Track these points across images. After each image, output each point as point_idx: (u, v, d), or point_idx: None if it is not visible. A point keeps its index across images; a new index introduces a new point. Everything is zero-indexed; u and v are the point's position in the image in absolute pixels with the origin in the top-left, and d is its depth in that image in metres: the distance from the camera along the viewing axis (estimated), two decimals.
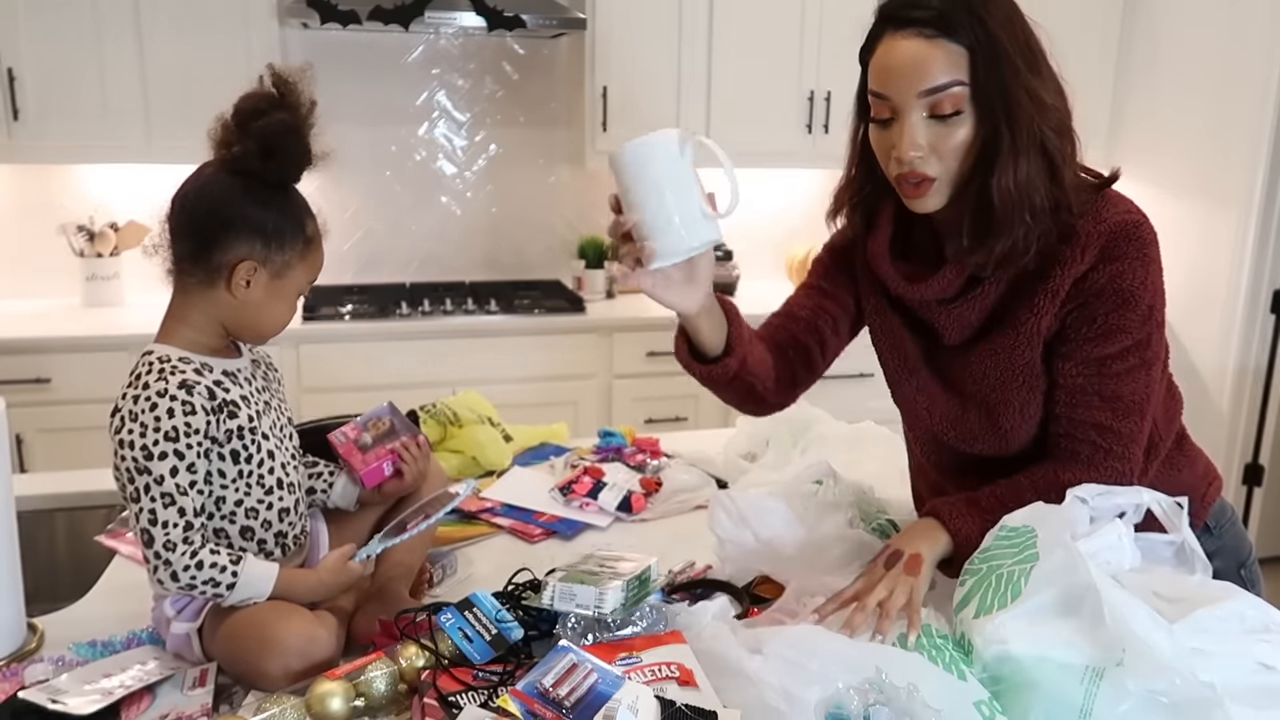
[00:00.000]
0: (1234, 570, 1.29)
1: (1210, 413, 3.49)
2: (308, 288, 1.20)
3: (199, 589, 1.09)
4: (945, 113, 1.07)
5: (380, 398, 1.56)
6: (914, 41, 1.06)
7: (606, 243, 3.55)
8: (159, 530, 1.07)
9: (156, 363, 1.12)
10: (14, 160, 2.98)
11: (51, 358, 2.79)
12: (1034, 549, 0.99)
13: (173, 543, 1.07)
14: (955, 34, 1.05)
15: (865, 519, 1.42)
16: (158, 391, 1.08)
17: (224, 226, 1.12)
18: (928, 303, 1.22)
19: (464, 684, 1.03)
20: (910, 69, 1.06)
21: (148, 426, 1.07)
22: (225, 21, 2.93)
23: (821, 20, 3.40)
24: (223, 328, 1.17)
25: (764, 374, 1.28)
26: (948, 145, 1.09)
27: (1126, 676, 0.87)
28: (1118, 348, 1.13)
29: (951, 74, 1.06)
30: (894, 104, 1.09)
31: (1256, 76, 3.22)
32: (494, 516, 1.56)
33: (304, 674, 1.05)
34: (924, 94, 1.06)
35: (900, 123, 1.09)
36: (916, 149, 1.08)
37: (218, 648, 1.11)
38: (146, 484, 1.07)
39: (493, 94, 3.51)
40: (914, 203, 1.14)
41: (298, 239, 1.15)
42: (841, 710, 0.85)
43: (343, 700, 0.99)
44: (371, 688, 1.01)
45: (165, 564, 1.07)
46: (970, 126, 1.08)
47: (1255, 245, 3.30)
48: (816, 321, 1.33)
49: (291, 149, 1.12)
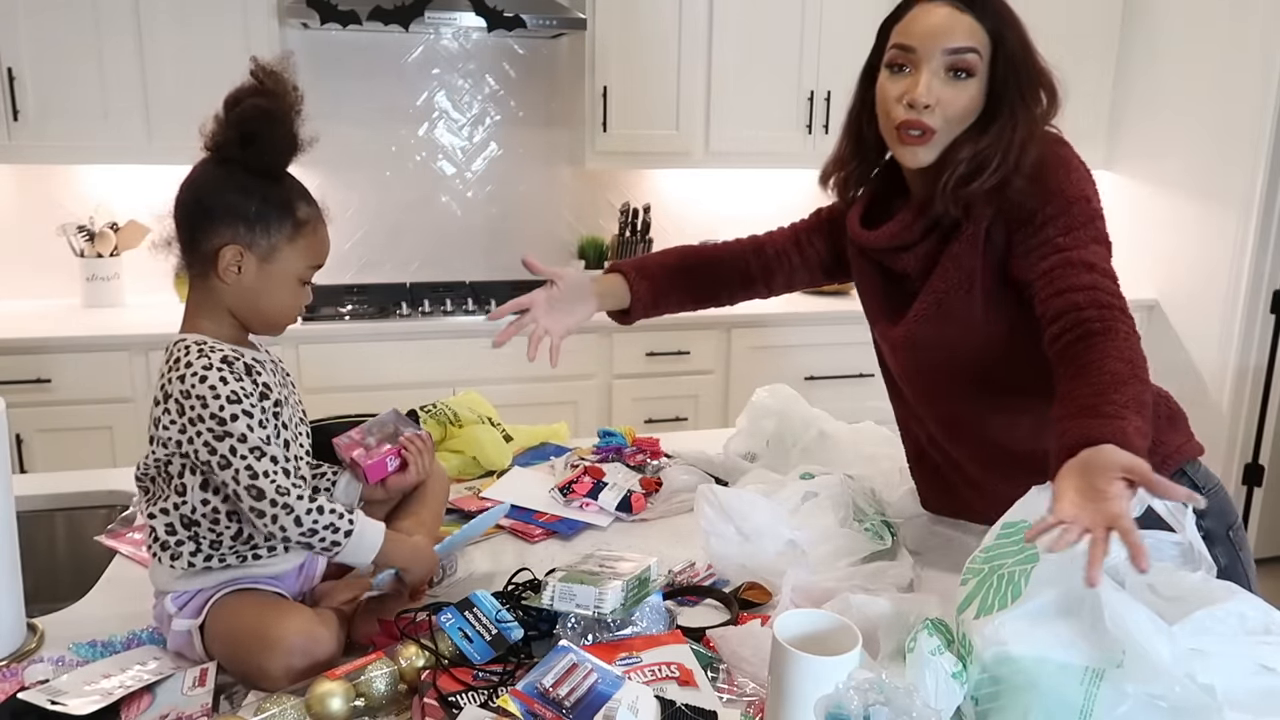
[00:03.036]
0: (1224, 532, 1.32)
1: (1210, 413, 3.49)
2: (310, 273, 1.19)
3: (320, 535, 1.11)
4: (960, 71, 1.22)
5: (380, 398, 1.57)
6: (947, 7, 1.23)
7: (606, 242, 3.55)
8: (265, 482, 1.08)
9: (193, 345, 1.13)
10: (14, 160, 2.98)
11: (51, 358, 2.79)
12: (1034, 549, 0.99)
13: (284, 488, 1.09)
14: (980, 13, 1.22)
15: (860, 518, 1.42)
16: (203, 366, 1.10)
17: (206, 215, 1.14)
18: (890, 250, 1.36)
19: (464, 684, 1.03)
20: (942, 28, 1.22)
21: (206, 397, 1.09)
22: (225, 22, 2.94)
23: (821, 20, 3.40)
24: (234, 318, 1.18)
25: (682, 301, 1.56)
26: (955, 104, 1.23)
27: (1125, 679, 0.87)
28: (1066, 229, 1.21)
29: (973, 41, 1.22)
30: (918, 55, 1.23)
31: (1256, 76, 3.22)
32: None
33: (306, 672, 1.05)
34: (949, 51, 1.22)
35: (918, 72, 1.23)
36: (930, 95, 1.22)
37: (219, 647, 1.11)
38: (231, 446, 1.08)
39: (493, 94, 3.51)
40: (908, 152, 1.27)
41: (285, 222, 1.15)
42: (841, 710, 0.84)
43: (343, 700, 0.99)
44: (371, 688, 1.01)
45: (286, 509, 1.09)
46: (975, 92, 1.24)
47: (1255, 245, 3.30)
48: (772, 263, 1.56)
49: (268, 134, 1.12)
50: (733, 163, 3.50)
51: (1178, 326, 3.61)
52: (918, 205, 1.32)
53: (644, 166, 3.61)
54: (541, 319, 1.40)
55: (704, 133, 3.40)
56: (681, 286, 1.54)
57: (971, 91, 1.23)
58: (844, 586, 1.22)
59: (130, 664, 1.10)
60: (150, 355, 2.84)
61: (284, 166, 1.16)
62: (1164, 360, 3.67)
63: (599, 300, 1.47)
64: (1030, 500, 1.06)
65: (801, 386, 1.95)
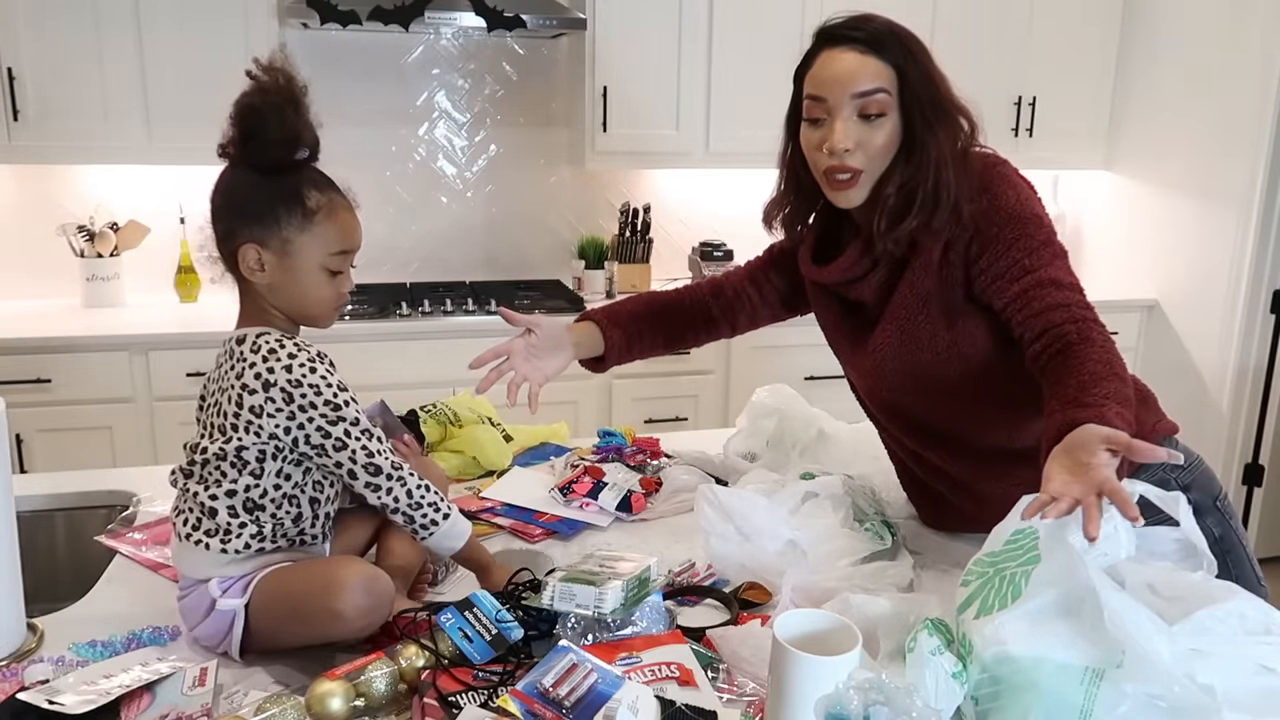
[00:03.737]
0: (1211, 503, 1.36)
1: (1210, 413, 3.49)
2: (338, 261, 1.19)
3: (423, 510, 1.20)
4: (872, 113, 1.26)
5: (380, 398, 1.57)
6: (850, 54, 1.27)
7: (606, 242, 3.55)
8: (383, 459, 1.18)
9: (281, 336, 1.17)
10: (14, 160, 2.98)
11: (51, 358, 2.79)
12: (1035, 550, 0.99)
13: (397, 463, 1.19)
14: (883, 52, 1.26)
15: (860, 518, 1.42)
16: (307, 358, 1.15)
17: (223, 217, 1.18)
18: (843, 284, 1.39)
19: (464, 684, 1.04)
20: (847, 75, 1.26)
21: (320, 385, 1.15)
22: (225, 22, 2.94)
23: (821, 20, 3.39)
24: (280, 314, 1.21)
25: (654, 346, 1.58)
26: (873, 143, 1.27)
27: (1125, 679, 0.86)
28: (1029, 251, 1.24)
29: (879, 82, 1.26)
30: (829, 105, 1.27)
31: (1256, 76, 3.22)
32: (494, 516, 1.56)
33: (373, 610, 1.10)
34: (856, 96, 1.25)
35: (834, 119, 1.27)
36: (848, 141, 1.26)
37: (275, 611, 1.13)
38: (346, 430, 1.16)
39: (493, 94, 3.51)
40: (840, 196, 1.30)
41: (294, 213, 1.16)
42: (842, 710, 0.84)
43: (343, 700, 0.99)
44: (371, 688, 1.01)
45: (400, 481, 1.18)
46: (891, 129, 1.27)
47: (1255, 245, 3.30)
48: (733, 303, 1.59)
49: (262, 129, 1.13)
50: (733, 163, 3.50)
51: (1178, 326, 3.61)
52: (866, 238, 1.34)
53: (644, 166, 3.61)
54: (520, 366, 1.43)
55: (704, 133, 3.40)
56: (651, 332, 1.57)
57: (887, 129, 1.27)
58: (844, 586, 1.22)
59: (130, 664, 1.10)
60: (150, 355, 2.84)
61: (288, 158, 1.17)
62: (1164, 360, 3.67)
63: (575, 349, 1.50)
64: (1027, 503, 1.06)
65: (801, 386, 1.94)
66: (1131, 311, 3.70)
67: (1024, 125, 3.63)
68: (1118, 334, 3.69)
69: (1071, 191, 3.95)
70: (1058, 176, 3.91)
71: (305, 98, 1.17)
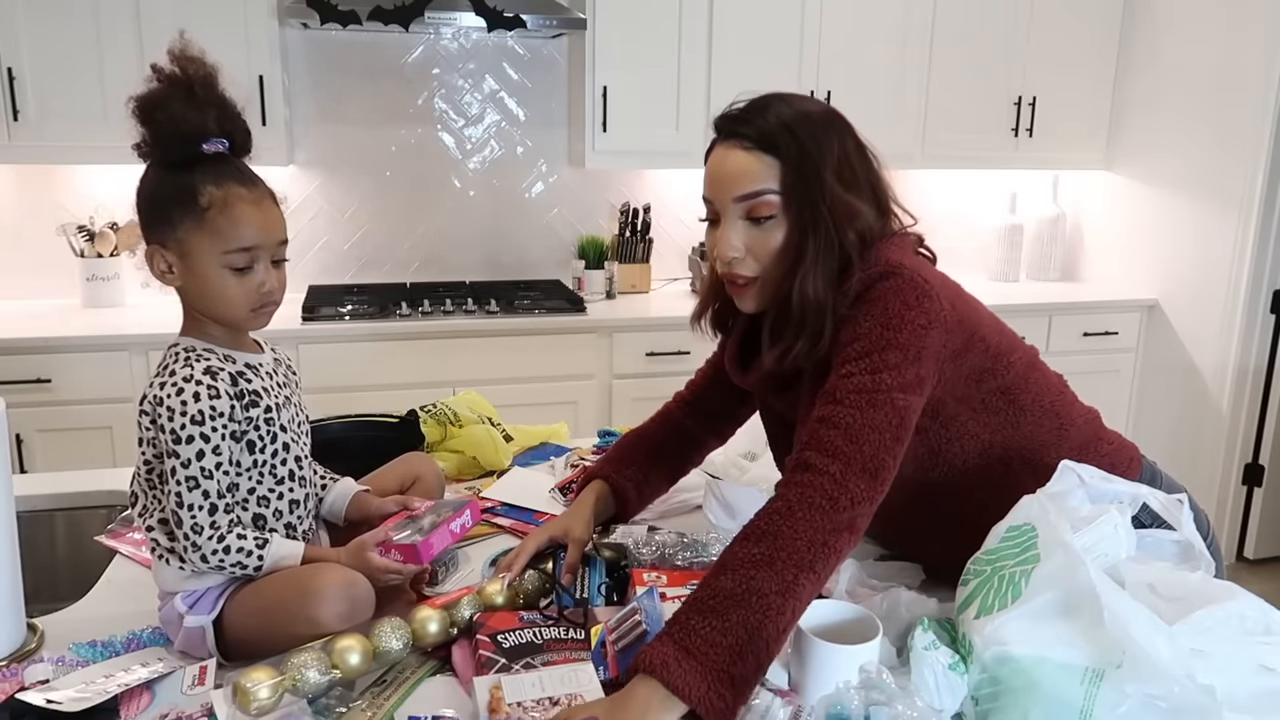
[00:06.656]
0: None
1: (1210, 413, 3.49)
2: (239, 258, 1.10)
3: (228, 570, 1.13)
4: (759, 216, 1.16)
5: (380, 398, 1.57)
6: (736, 152, 1.18)
7: (606, 242, 3.55)
8: (186, 513, 1.10)
9: (183, 352, 1.13)
10: (14, 160, 2.98)
11: (51, 358, 2.79)
12: (1035, 550, 0.99)
13: (199, 525, 1.11)
14: (772, 148, 1.15)
15: None
16: (184, 377, 1.10)
17: (139, 222, 1.13)
18: (767, 389, 1.30)
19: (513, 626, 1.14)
20: (730, 176, 1.17)
21: (175, 411, 1.09)
22: (225, 22, 2.94)
23: (821, 20, 3.40)
24: (205, 317, 1.15)
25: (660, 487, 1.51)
26: (763, 248, 1.17)
27: (1125, 679, 0.87)
28: (843, 376, 1.10)
29: (765, 183, 1.15)
30: (716, 207, 1.20)
31: (1257, 76, 3.22)
32: (494, 516, 1.56)
33: (351, 616, 1.09)
34: (739, 199, 1.17)
35: (723, 222, 1.19)
36: (734, 249, 1.18)
37: (251, 620, 1.12)
38: (174, 467, 1.10)
39: (492, 94, 3.51)
40: (739, 302, 1.24)
41: (188, 212, 1.08)
42: (842, 710, 0.85)
43: (439, 624, 1.13)
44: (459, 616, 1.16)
45: (194, 546, 1.11)
46: (784, 232, 1.17)
47: (1255, 245, 3.30)
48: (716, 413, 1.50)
49: (156, 123, 1.07)
50: None
51: (1177, 326, 3.61)
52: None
53: (644, 166, 3.61)
54: None
55: (704, 133, 3.38)
56: (657, 474, 1.49)
57: (777, 232, 1.16)
58: (848, 585, 1.23)
59: (131, 664, 1.10)
60: (150, 355, 2.84)
61: (190, 151, 1.09)
62: (1164, 360, 3.67)
63: (595, 522, 1.40)
64: (1027, 505, 1.06)
65: None
66: (1131, 311, 3.71)
67: (1024, 125, 3.63)
68: (1118, 334, 3.70)
69: (1071, 191, 3.95)
70: (1057, 176, 3.91)
71: (214, 86, 1.09)
